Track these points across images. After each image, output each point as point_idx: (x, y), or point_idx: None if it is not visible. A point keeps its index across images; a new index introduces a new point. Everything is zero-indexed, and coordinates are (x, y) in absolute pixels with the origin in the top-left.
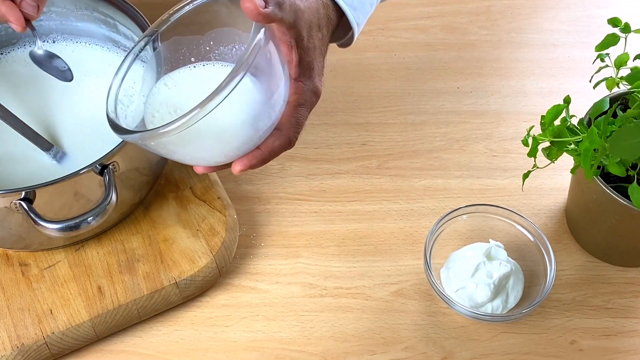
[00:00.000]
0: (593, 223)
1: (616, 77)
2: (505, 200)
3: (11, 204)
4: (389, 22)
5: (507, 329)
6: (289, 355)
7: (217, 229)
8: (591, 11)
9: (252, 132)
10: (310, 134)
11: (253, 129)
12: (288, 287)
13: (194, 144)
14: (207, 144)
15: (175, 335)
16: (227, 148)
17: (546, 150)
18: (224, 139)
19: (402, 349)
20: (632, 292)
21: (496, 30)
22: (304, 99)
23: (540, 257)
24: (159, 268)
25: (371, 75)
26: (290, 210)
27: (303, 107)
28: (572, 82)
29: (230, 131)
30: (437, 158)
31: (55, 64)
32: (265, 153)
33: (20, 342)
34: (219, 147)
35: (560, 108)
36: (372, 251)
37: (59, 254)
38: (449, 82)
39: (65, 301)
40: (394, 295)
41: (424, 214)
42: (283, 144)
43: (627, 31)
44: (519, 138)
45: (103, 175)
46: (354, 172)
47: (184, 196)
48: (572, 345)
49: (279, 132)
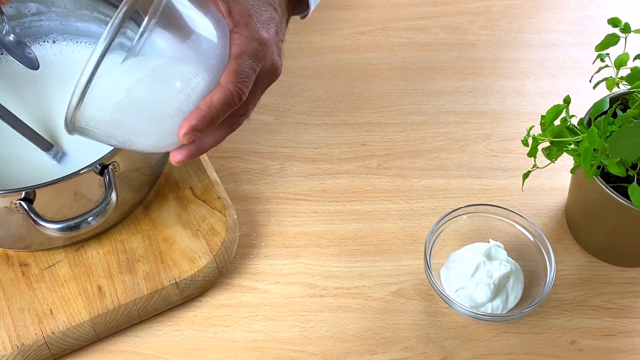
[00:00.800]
0: (593, 223)
1: (616, 77)
2: (505, 200)
3: (11, 204)
4: (389, 22)
5: (507, 329)
6: (289, 355)
7: (217, 229)
8: (591, 11)
9: (173, 95)
10: (310, 134)
11: (174, 91)
12: (288, 287)
13: (126, 125)
14: (137, 119)
15: (175, 335)
16: (160, 121)
17: (546, 150)
18: (149, 110)
19: (402, 349)
20: (632, 292)
21: (496, 30)
22: (243, 48)
23: (540, 257)
24: (159, 268)
25: (371, 75)
26: (290, 210)
27: (244, 56)
28: (572, 82)
29: (151, 99)
30: (437, 158)
31: (24, 51)
32: (205, 109)
33: (20, 342)
34: (150, 119)
35: (560, 108)
36: (372, 251)
37: (59, 254)
38: (449, 82)
39: (65, 301)
40: (394, 295)
41: (424, 214)
42: (222, 97)
43: (627, 31)
44: (519, 138)
45: (103, 175)
46: (354, 172)
47: (184, 196)
48: (572, 345)
49: (218, 86)
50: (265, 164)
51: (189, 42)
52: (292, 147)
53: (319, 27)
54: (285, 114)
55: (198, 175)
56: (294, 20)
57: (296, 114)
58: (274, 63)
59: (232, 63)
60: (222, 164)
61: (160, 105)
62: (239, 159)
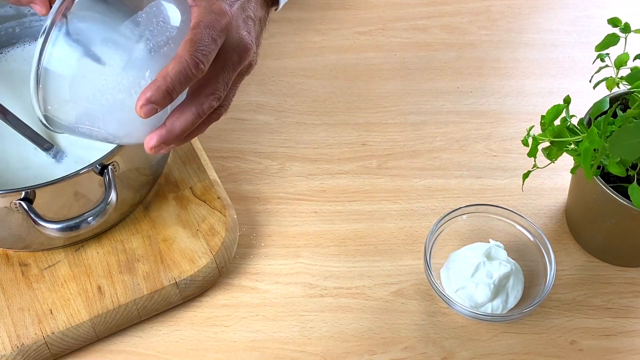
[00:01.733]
0: (593, 223)
1: (616, 77)
2: (505, 200)
3: (11, 204)
4: (389, 22)
5: (507, 329)
6: (289, 355)
7: (217, 229)
8: (591, 11)
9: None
10: (310, 134)
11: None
12: (288, 287)
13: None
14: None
15: (175, 335)
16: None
17: (546, 150)
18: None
19: (402, 349)
20: (632, 292)
21: (496, 30)
22: (200, 19)
23: (540, 257)
24: (159, 268)
25: (371, 75)
26: (290, 210)
27: (201, 26)
28: (572, 82)
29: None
30: (437, 158)
31: None
32: (160, 80)
33: (20, 342)
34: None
35: (560, 108)
36: (372, 251)
37: (59, 254)
38: (449, 82)
39: (65, 301)
40: (394, 295)
41: (424, 214)
42: (177, 66)
43: (627, 31)
44: (519, 138)
45: (103, 175)
46: (354, 172)
47: (184, 196)
48: (572, 345)
49: (174, 56)
50: (265, 164)
51: (139, 18)
52: (292, 147)
53: (319, 27)
54: (285, 114)
55: (198, 175)
56: (294, 20)
57: (296, 114)
58: (242, 38)
59: (189, 34)
60: (222, 164)
61: (115, 85)
62: (239, 159)
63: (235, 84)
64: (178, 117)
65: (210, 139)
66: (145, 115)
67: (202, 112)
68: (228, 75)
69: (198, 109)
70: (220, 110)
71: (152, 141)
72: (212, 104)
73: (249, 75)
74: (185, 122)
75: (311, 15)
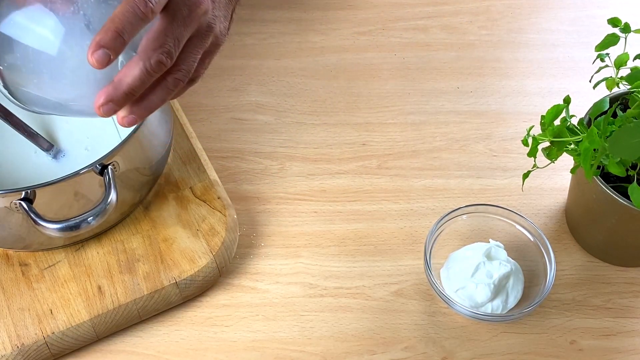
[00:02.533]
0: (593, 223)
1: (616, 77)
2: (505, 200)
3: (11, 204)
4: (389, 22)
5: (507, 329)
6: (289, 355)
7: (217, 229)
8: (591, 11)
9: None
10: (310, 134)
11: None
12: (288, 287)
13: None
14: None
15: (175, 335)
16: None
17: (546, 150)
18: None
19: (402, 349)
20: (632, 292)
21: (496, 30)
22: None
23: (540, 257)
24: (159, 268)
25: (371, 75)
26: (290, 210)
27: None
28: (572, 82)
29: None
30: (437, 158)
31: None
32: (108, 22)
33: (20, 342)
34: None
35: (560, 108)
36: (372, 251)
37: (59, 254)
38: (449, 82)
39: (65, 301)
40: (394, 295)
41: (424, 214)
42: (125, 6)
43: (627, 31)
44: (519, 138)
45: (103, 175)
46: (354, 172)
47: (184, 196)
48: (572, 345)
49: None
50: (265, 164)
51: None
52: (292, 147)
53: (319, 27)
54: (285, 114)
55: (198, 175)
56: (294, 20)
57: (296, 114)
58: None
59: None
60: (222, 164)
61: (61, 41)
62: (239, 159)
63: (195, 50)
64: (125, 72)
65: (210, 139)
66: (98, 62)
67: (149, 66)
68: (178, 30)
69: (145, 63)
70: (177, 75)
71: (100, 99)
72: (160, 58)
73: (249, 75)
74: (132, 78)
75: (311, 15)
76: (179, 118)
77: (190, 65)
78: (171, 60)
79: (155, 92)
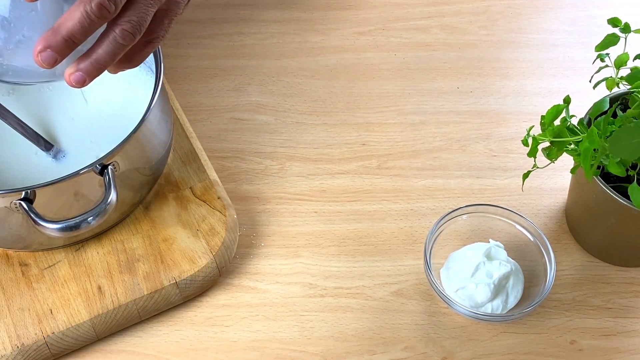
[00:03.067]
0: (593, 223)
1: (616, 77)
2: (505, 200)
3: (11, 204)
4: (389, 22)
5: (507, 329)
6: (289, 355)
7: (217, 229)
8: (591, 11)
9: None
10: (310, 134)
11: None
12: (288, 287)
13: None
14: None
15: (175, 335)
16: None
17: (546, 150)
18: None
19: (402, 349)
20: (632, 292)
21: (496, 30)
22: None
23: (540, 257)
24: (159, 268)
25: (371, 75)
26: (290, 210)
27: None
28: (572, 82)
29: None
30: (437, 158)
31: None
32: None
33: (20, 342)
34: None
35: (560, 108)
36: (372, 251)
37: (59, 254)
38: (449, 82)
39: (65, 301)
40: (394, 295)
41: (424, 214)
42: (80, 7)
43: (627, 31)
44: (519, 138)
45: (103, 175)
46: (354, 172)
47: (184, 196)
48: (572, 345)
49: None
50: (265, 164)
51: None
52: (292, 147)
53: (319, 27)
54: (285, 114)
55: (198, 175)
56: (294, 20)
57: (296, 114)
58: None
59: None
60: (222, 164)
61: None
62: (239, 159)
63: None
64: (65, 17)
65: (210, 139)
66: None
67: (90, 9)
68: None
69: (86, 6)
70: (125, 26)
71: (39, 46)
72: (103, 1)
73: (249, 75)
74: (72, 22)
75: (311, 15)
76: (179, 118)
77: (141, 18)
78: (115, 6)
79: (102, 45)
